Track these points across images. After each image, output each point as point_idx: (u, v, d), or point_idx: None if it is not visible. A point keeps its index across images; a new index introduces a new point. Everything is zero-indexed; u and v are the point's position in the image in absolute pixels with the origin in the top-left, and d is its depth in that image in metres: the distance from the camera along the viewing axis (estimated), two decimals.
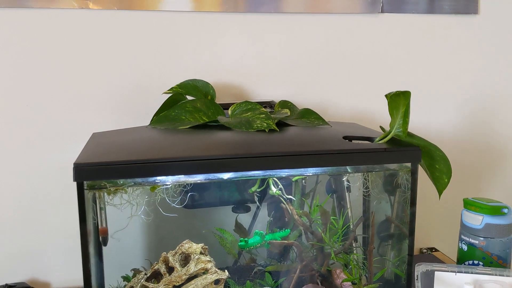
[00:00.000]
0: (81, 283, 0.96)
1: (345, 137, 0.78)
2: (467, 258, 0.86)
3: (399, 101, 0.74)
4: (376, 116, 1.10)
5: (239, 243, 0.82)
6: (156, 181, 0.73)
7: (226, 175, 0.74)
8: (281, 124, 0.84)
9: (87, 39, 0.96)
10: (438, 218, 1.20)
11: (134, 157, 0.66)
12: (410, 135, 0.78)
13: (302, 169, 0.76)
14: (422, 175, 0.81)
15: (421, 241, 1.19)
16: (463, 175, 1.19)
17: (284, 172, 0.78)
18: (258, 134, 0.78)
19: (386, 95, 0.74)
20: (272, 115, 0.84)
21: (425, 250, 1.17)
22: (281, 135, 0.78)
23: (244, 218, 0.92)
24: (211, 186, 0.90)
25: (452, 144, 1.16)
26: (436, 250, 1.17)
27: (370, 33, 1.09)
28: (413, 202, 0.78)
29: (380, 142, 0.77)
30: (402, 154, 0.75)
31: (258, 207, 0.92)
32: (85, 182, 0.65)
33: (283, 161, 0.70)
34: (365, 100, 1.10)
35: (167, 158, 0.67)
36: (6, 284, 0.94)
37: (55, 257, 1.00)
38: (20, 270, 0.99)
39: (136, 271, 0.83)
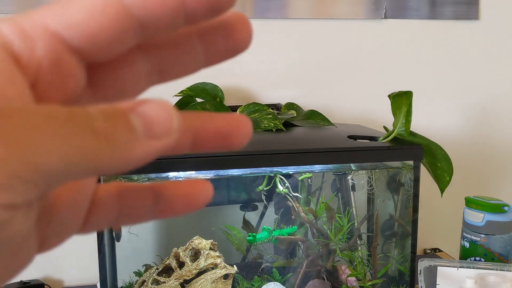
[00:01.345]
0: (92, 280, 0.99)
1: (349, 137, 0.81)
2: (469, 255, 0.88)
3: (401, 101, 0.77)
4: (380, 118, 1.12)
5: (247, 238, 0.84)
6: (169, 177, 0.76)
7: (234, 172, 0.77)
8: (288, 125, 0.87)
9: None
10: (442, 219, 1.22)
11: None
12: (413, 134, 0.81)
13: (308, 167, 0.79)
14: (425, 176, 0.84)
15: (425, 242, 1.21)
16: (466, 176, 1.22)
17: (291, 169, 0.81)
18: (266, 134, 0.81)
19: (389, 95, 0.77)
20: (278, 116, 0.87)
21: (429, 251, 1.19)
22: (287, 135, 0.81)
23: (252, 217, 0.95)
24: (219, 185, 0.93)
25: (454, 145, 1.18)
26: (440, 251, 1.19)
27: (373, 38, 1.12)
28: (415, 199, 0.80)
29: (384, 141, 0.80)
30: (404, 152, 0.77)
31: (265, 206, 0.95)
32: (101, 177, 0.69)
33: (289, 158, 0.73)
34: (369, 102, 1.13)
35: (178, 155, 0.70)
36: (21, 281, 0.97)
37: (68, 255, 1.03)
38: (34, 267, 1.01)
39: (147, 267, 0.85)
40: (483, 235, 0.86)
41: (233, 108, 0.92)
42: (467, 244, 0.88)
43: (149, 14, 0.17)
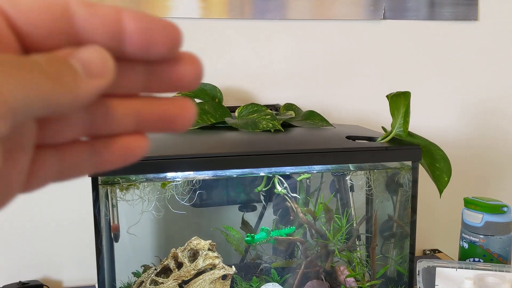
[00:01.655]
0: (91, 281, 0.99)
1: (348, 137, 0.81)
2: (468, 256, 0.88)
3: (399, 101, 0.76)
4: (379, 119, 1.12)
5: (246, 239, 0.84)
6: (167, 177, 0.76)
7: (233, 172, 0.77)
8: (286, 125, 0.87)
9: None
10: (441, 220, 1.22)
11: (146, 154, 0.69)
12: (411, 134, 0.81)
13: (307, 167, 0.79)
14: (424, 177, 0.84)
15: (424, 243, 1.21)
16: (465, 177, 1.22)
17: (289, 170, 0.81)
18: (264, 134, 0.81)
19: (387, 96, 0.77)
20: (277, 117, 0.87)
21: (428, 252, 1.18)
22: (286, 135, 0.81)
23: (250, 218, 0.95)
24: (218, 186, 0.93)
25: (453, 146, 1.18)
26: (439, 252, 1.18)
27: (372, 39, 1.12)
28: (414, 200, 0.80)
29: (382, 141, 0.80)
30: (403, 152, 0.77)
31: (264, 207, 0.95)
32: (99, 177, 0.69)
33: (288, 158, 0.73)
34: (367, 103, 1.13)
35: (177, 155, 0.70)
36: (20, 282, 0.97)
37: (66, 256, 1.03)
38: (33, 268, 1.02)
39: (146, 267, 0.85)
40: (482, 236, 0.86)
41: (232, 109, 0.92)
42: (466, 245, 0.88)
43: (87, 28, 0.20)
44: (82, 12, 0.19)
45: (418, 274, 0.78)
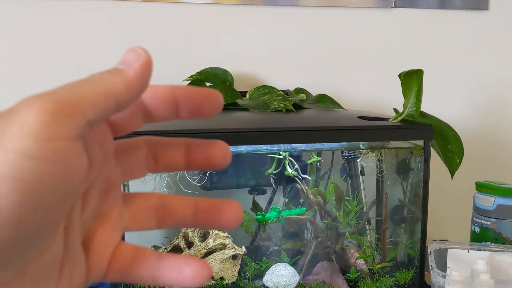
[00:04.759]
0: None
1: (360, 117, 0.81)
2: (479, 240, 0.87)
3: (411, 80, 0.76)
4: (389, 107, 1.12)
5: (256, 217, 0.84)
6: None
7: (244, 149, 0.77)
8: (297, 108, 0.87)
9: (108, 30, 1.00)
10: (450, 209, 1.21)
11: (155, 128, 0.70)
12: (423, 114, 0.81)
13: (319, 145, 0.79)
14: (433, 164, 0.83)
15: (433, 233, 1.20)
16: (475, 166, 1.21)
17: (301, 147, 0.80)
18: (276, 114, 0.81)
19: (399, 75, 0.77)
20: (289, 99, 0.87)
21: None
22: (297, 115, 0.81)
23: (260, 202, 0.95)
24: (228, 168, 0.93)
25: (463, 136, 1.18)
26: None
27: (382, 27, 1.12)
28: (425, 182, 0.80)
29: (394, 121, 0.80)
30: (415, 131, 0.77)
31: (273, 191, 0.95)
32: None
33: (300, 136, 0.73)
34: (377, 91, 1.13)
35: (187, 130, 0.70)
36: None
37: None
38: None
39: (156, 248, 0.85)
40: (494, 220, 0.85)
41: (242, 94, 0.92)
42: (477, 229, 0.87)
43: (153, 105, 0.27)
44: (148, 94, 0.27)
45: (430, 254, 0.77)
